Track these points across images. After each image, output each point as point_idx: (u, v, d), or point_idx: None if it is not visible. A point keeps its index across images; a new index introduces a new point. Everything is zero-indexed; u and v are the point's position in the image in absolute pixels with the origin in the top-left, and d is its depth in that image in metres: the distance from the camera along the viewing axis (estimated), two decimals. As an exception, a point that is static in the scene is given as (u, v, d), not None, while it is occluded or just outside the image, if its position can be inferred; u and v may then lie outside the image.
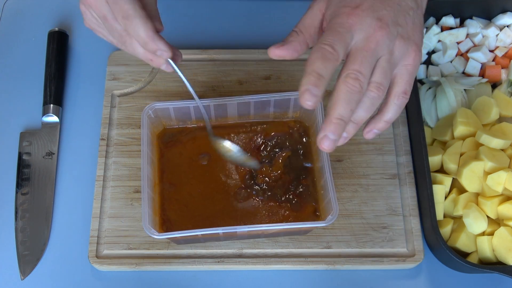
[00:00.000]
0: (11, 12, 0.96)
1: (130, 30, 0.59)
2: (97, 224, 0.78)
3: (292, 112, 0.80)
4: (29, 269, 0.77)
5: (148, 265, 0.75)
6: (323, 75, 0.52)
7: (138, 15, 0.58)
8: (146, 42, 0.59)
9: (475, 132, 0.78)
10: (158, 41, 0.60)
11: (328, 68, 0.53)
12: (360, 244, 0.77)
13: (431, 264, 0.78)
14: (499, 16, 0.89)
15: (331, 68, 0.53)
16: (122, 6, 0.58)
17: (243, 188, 0.77)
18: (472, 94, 0.84)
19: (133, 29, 0.59)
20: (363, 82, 0.53)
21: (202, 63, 0.89)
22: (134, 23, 0.58)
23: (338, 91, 0.53)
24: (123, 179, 0.81)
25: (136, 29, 0.58)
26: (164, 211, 0.75)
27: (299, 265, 0.76)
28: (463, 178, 0.75)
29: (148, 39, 0.59)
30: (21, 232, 0.79)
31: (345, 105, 0.53)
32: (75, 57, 0.92)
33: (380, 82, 0.54)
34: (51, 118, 0.85)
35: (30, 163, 0.83)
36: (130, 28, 0.59)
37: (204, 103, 0.75)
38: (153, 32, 0.59)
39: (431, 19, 0.90)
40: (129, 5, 0.58)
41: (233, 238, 0.76)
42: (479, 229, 0.73)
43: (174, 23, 0.94)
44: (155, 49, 0.60)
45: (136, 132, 0.84)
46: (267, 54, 0.88)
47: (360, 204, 0.79)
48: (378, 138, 0.84)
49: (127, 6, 0.58)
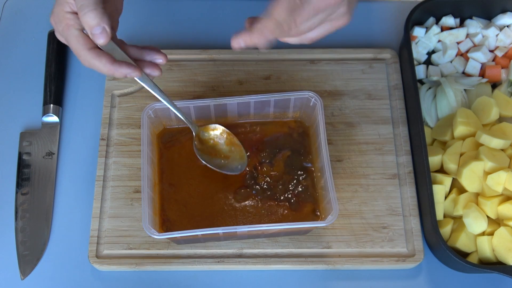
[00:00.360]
0: (11, 12, 0.96)
1: (94, 68, 0.61)
2: (97, 224, 0.78)
3: (292, 112, 0.80)
4: (29, 269, 0.77)
5: (148, 265, 0.75)
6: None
7: (90, 56, 0.59)
8: (111, 74, 0.61)
9: (475, 132, 0.78)
10: (120, 68, 0.61)
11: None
12: (360, 244, 0.77)
13: (431, 264, 0.78)
14: (499, 16, 0.89)
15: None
16: (76, 53, 0.60)
17: (243, 188, 0.77)
18: (472, 94, 0.84)
19: (96, 69, 0.61)
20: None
21: (202, 63, 0.89)
22: (92, 65, 0.60)
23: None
24: (123, 179, 0.81)
25: (98, 69, 0.60)
26: (164, 211, 0.75)
27: (299, 265, 0.76)
28: (463, 178, 0.75)
29: (111, 71, 0.60)
30: (21, 232, 0.79)
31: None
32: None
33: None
34: (51, 118, 0.85)
35: (30, 163, 0.83)
36: (94, 68, 0.61)
37: (204, 103, 0.75)
38: (111, 63, 0.60)
39: (431, 19, 0.90)
40: (81, 52, 0.60)
41: (233, 238, 0.76)
42: (479, 229, 0.73)
43: (174, 23, 0.94)
44: (124, 75, 0.61)
45: (136, 132, 0.84)
46: (267, 54, 0.89)
47: (360, 204, 0.79)
48: (378, 138, 0.84)
49: (79, 53, 0.60)
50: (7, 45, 0.93)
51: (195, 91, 0.87)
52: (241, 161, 0.77)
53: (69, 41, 0.60)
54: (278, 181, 0.77)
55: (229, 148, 0.77)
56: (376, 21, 0.96)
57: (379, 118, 0.85)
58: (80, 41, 0.59)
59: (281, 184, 0.76)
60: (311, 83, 0.87)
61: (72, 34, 0.60)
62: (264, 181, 0.77)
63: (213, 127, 0.77)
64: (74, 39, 0.60)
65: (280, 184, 0.77)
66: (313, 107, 0.76)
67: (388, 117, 0.85)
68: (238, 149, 0.77)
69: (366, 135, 0.84)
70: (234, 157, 0.77)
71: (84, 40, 0.60)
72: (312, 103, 0.76)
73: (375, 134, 0.84)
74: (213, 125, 0.77)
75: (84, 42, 0.60)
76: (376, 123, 0.85)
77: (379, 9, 0.96)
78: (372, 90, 0.87)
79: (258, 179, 0.77)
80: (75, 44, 0.60)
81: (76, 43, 0.60)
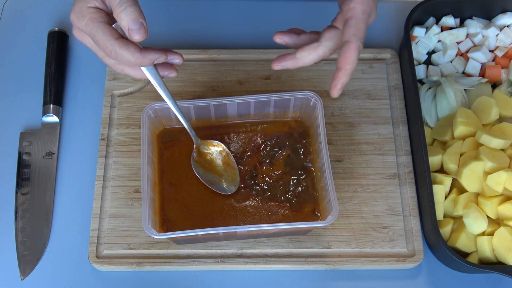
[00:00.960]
0: (11, 12, 0.96)
1: (120, 61, 0.61)
2: (97, 224, 0.78)
3: (292, 112, 0.80)
4: (29, 269, 0.77)
5: (148, 265, 0.75)
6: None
7: (117, 46, 0.60)
8: (139, 63, 0.61)
9: (475, 132, 0.78)
10: (148, 55, 0.61)
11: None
12: (360, 244, 0.77)
13: (431, 264, 0.78)
14: (499, 16, 0.89)
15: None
16: (102, 45, 0.60)
17: (243, 188, 0.77)
18: (472, 94, 0.84)
19: (122, 59, 0.61)
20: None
21: (202, 63, 0.89)
22: (119, 55, 0.60)
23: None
24: (123, 179, 0.81)
25: (124, 59, 0.61)
26: (164, 211, 0.75)
27: (299, 265, 0.76)
28: (463, 178, 0.75)
29: (139, 59, 0.61)
30: (21, 232, 0.79)
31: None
32: (75, 57, 0.92)
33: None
34: (51, 118, 0.85)
35: (30, 163, 0.83)
36: (119, 59, 0.61)
37: (204, 103, 0.75)
38: (138, 51, 0.60)
39: (431, 19, 0.90)
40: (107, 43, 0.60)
41: (233, 238, 0.76)
42: (479, 229, 0.73)
43: (174, 23, 0.94)
44: (151, 62, 0.62)
45: (136, 132, 0.84)
46: (267, 54, 0.89)
47: (360, 204, 0.79)
48: (378, 138, 0.84)
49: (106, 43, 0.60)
50: (7, 45, 0.93)
51: (195, 91, 0.86)
52: (233, 183, 0.77)
53: (94, 33, 0.60)
54: (278, 181, 0.77)
55: (224, 168, 0.78)
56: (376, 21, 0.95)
57: (379, 118, 0.85)
58: (107, 32, 0.60)
59: (281, 185, 0.76)
60: (311, 83, 0.87)
61: (97, 26, 0.60)
62: (264, 181, 0.77)
63: (216, 143, 0.78)
64: (100, 31, 0.60)
65: (280, 184, 0.77)
66: (313, 107, 0.76)
67: (388, 117, 0.85)
68: (233, 171, 0.77)
69: (366, 135, 0.84)
70: (227, 177, 0.77)
71: (111, 31, 0.60)
72: (312, 103, 0.76)
73: (375, 134, 0.84)
74: (216, 142, 0.78)
75: (110, 33, 0.60)
76: (376, 123, 0.85)
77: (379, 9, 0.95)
78: (372, 90, 0.87)
79: (258, 179, 0.77)
80: (102, 35, 0.60)
81: (102, 34, 0.60)
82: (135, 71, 0.65)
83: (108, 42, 0.60)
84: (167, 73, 0.67)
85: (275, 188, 0.76)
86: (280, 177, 0.77)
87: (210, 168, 0.77)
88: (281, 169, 0.77)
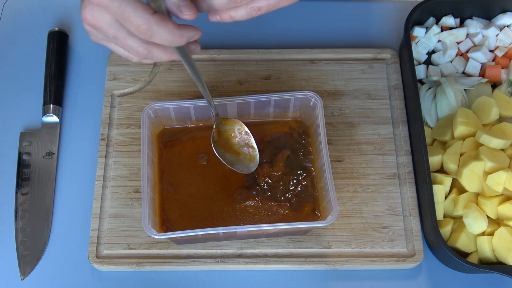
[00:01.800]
0: (11, 12, 0.96)
1: (154, 40, 0.54)
2: (97, 224, 0.78)
3: (292, 112, 0.80)
4: (29, 269, 0.77)
5: (148, 265, 0.75)
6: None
7: (154, 22, 0.52)
8: (175, 41, 0.54)
9: (475, 132, 0.78)
10: (186, 32, 0.55)
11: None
12: (360, 244, 0.77)
13: (431, 264, 0.78)
14: (499, 16, 0.89)
15: None
16: (135, 22, 0.52)
17: (243, 188, 0.77)
18: (472, 94, 0.84)
19: (157, 38, 0.53)
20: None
21: (202, 63, 0.89)
22: (155, 33, 0.53)
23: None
24: (123, 179, 0.81)
25: (161, 37, 0.53)
26: (164, 211, 0.75)
27: (299, 265, 0.76)
28: (463, 178, 0.75)
29: (177, 38, 0.54)
30: (21, 232, 0.79)
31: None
32: (75, 57, 0.92)
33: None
34: (51, 118, 0.85)
35: (30, 163, 0.83)
36: (154, 39, 0.54)
37: (204, 103, 0.75)
38: (177, 28, 0.54)
39: (431, 19, 0.90)
40: (141, 19, 0.52)
41: (233, 238, 0.76)
42: (479, 229, 0.73)
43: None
44: (187, 40, 0.55)
45: (136, 132, 0.84)
46: (267, 54, 0.89)
47: (360, 204, 0.79)
48: (378, 138, 0.84)
49: (139, 21, 0.52)
50: (7, 45, 0.93)
51: (195, 91, 0.86)
52: (252, 161, 0.76)
53: (124, 9, 0.52)
54: (279, 182, 0.77)
55: (243, 146, 0.77)
56: (376, 21, 0.96)
57: (379, 118, 0.85)
58: (139, 7, 0.52)
59: (281, 185, 0.76)
60: (311, 83, 0.87)
61: (127, 1, 0.51)
62: (265, 181, 0.77)
63: (234, 120, 0.76)
64: (131, 6, 0.51)
65: (280, 184, 0.77)
66: (313, 107, 0.76)
67: (388, 117, 0.85)
68: (253, 150, 0.77)
69: (366, 135, 0.84)
70: (246, 156, 0.77)
71: (143, 6, 0.52)
72: (312, 103, 0.76)
73: (375, 134, 0.84)
74: (234, 119, 0.76)
75: (143, 7, 0.52)
76: (376, 123, 0.85)
77: (379, 9, 0.96)
78: (372, 90, 0.87)
79: (259, 179, 0.77)
80: (133, 10, 0.51)
81: (134, 9, 0.51)
82: (166, 51, 0.57)
83: (142, 19, 0.51)
84: (194, 48, 0.60)
85: (275, 188, 0.76)
86: (281, 177, 0.77)
87: (228, 148, 0.77)
88: (281, 169, 0.77)
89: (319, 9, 0.96)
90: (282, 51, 0.90)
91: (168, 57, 0.58)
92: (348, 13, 0.95)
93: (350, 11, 0.96)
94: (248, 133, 0.77)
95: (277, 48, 0.90)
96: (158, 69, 0.88)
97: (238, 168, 0.75)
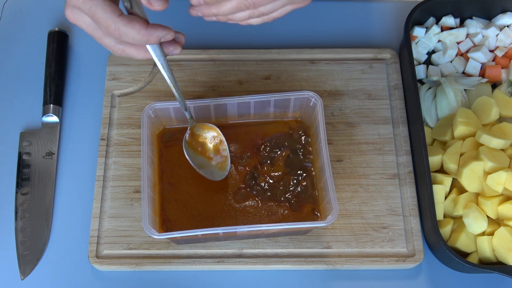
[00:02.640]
0: (11, 12, 0.96)
1: (124, 40, 0.57)
2: (97, 224, 0.78)
3: (292, 112, 0.80)
4: (29, 269, 0.77)
5: (148, 265, 0.75)
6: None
7: (121, 23, 0.55)
8: (145, 41, 0.57)
9: (475, 132, 0.78)
10: (156, 31, 0.57)
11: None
12: (360, 244, 0.77)
13: (431, 264, 0.78)
14: (499, 16, 0.89)
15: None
16: (104, 24, 0.55)
17: (243, 188, 0.77)
18: (472, 94, 0.84)
19: (126, 38, 0.56)
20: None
21: (202, 63, 0.89)
22: (123, 33, 0.55)
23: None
24: (123, 179, 0.81)
25: (130, 37, 0.56)
26: (164, 211, 0.75)
27: (299, 265, 0.76)
28: (463, 178, 0.75)
29: (146, 37, 0.56)
30: (21, 232, 0.79)
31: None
32: (75, 57, 0.92)
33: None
34: (51, 118, 0.85)
35: (30, 163, 0.83)
36: (123, 38, 0.56)
37: (204, 103, 0.75)
38: (145, 27, 0.56)
39: (431, 19, 0.90)
40: (109, 21, 0.55)
41: (233, 238, 0.76)
42: (479, 229, 0.73)
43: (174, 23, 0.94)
44: (159, 39, 0.57)
45: (136, 132, 0.84)
46: (267, 54, 0.89)
47: (360, 204, 0.79)
48: (378, 138, 0.84)
49: (107, 22, 0.55)
50: (7, 45, 0.93)
51: (195, 91, 0.87)
52: (222, 170, 0.77)
53: (94, 11, 0.55)
54: (279, 182, 0.77)
55: (215, 153, 0.77)
56: (376, 21, 0.96)
57: (379, 118, 0.85)
58: (108, 10, 0.55)
59: (281, 185, 0.76)
60: (311, 83, 0.87)
61: (97, 3, 0.55)
62: (265, 181, 0.77)
63: (210, 126, 0.77)
64: (100, 8, 0.55)
65: (280, 184, 0.77)
66: (313, 107, 0.76)
67: (388, 117, 0.85)
68: (224, 158, 0.77)
69: (366, 135, 0.84)
70: (217, 164, 0.77)
71: (112, 7, 0.55)
72: (312, 103, 0.76)
73: (375, 134, 0.84)
74: (210, 125, 0.77)
75: (111, 9, 0.55)
76: (376, 123, 0.85)
77: (379, 9, 0.96)
78: (372, 90, 0.87)
79: (259, 180, 0.77)
80: (102, 13, 0.55)
81: (103, 12, 0.55)
82: (139, 50, 0.60)
83: (111, 20, 0.55)
84: (172, 49, 0.62)
85: (275, 188, 0.76)
86: (281, 178, 0.77)
87: (201, 152, 0.77)
88: (282, 169, 0.77)
89: (319, 9, 0.96)
90: (282, 51, 0.90)
91: (142, 56, 0.61)
92: (348, 13, 0.95)
93: (350, 11, 0.96)
94: (223, 142, 0.77)
95: (277, 48, 0.90)
96: (158, 69, 0.88)
97: (205, 173, 0.76)
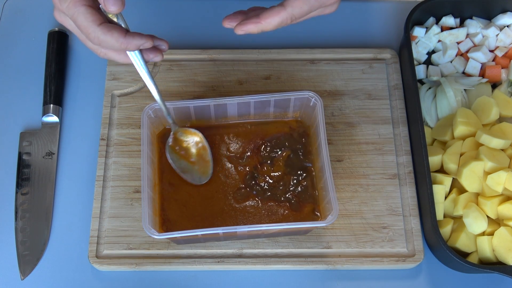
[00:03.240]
0: (11, 12, 0.96)
1: (104, 46, 0.59)
2: (97, 224, 0.78)
3: (292, 112, 0.80)
4: (29, 269, 0.77)
5: (148, 265, 0.75)
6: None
7: (100, 32, 0.57)
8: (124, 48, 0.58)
9: (475, 132, 0.78)
10: (133, 40, 0.58)
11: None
12: (360, 244, 0.77)
13: (431, 264, 0.78)
14: (499, 16, 0.89)
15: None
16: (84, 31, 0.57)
17: (243, 188, 0.77)
18: (472, 94, 0.84)
19: (106, 45, 0.58)
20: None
21: (202, 63, 0.89)
22: (102, 41, 0.57)
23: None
24: (123, 179, 0.81)
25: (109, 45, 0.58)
26: (164, 211, 0.75)
27: (299, 265, 0.76)
28: (463, 178, 0.75)
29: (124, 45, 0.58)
30: (21, 232, 0.79)
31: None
32: (75, 57, 0.92)
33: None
34: (51, 118, 0.85)
35: (30, 163, 0.83)
36: (103, 45, 0.58)
37: (204, 103, 0.75)
38: (123, 36, 0.57)
39: (431, 19, 0.90)
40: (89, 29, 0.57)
41: (233, 238, 0.76)
42: (479, 229, 0.73)
43: (174, 23, 0.94)
44: (137, 47, 0.59)
45: (136, 132, 0.84)
46: (267, 54, 0.89)
47: (360, 204, 0.79)
48: (378, 138, 0.84)
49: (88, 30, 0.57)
50: (7, 45, 0.93)
51: (195, 91, 0.87)
52: (204, 175, 0.77)
53: (76, 18, 0.57)
54: (279, 182, 0.77)
55: (197, 158, 0.78)
56: (376, 21, 0.96)
57: (379, 118, 0.85)
58: (89, 18, 0.56)
59: (282, 185, 0.76)
60: (311, 83, 0.87)
61: (79, 11, 0.56)
62: (265, 181, 0.77)
63: (194, 131, 0.78)
64: (82, 16, 0.56)
65: (280, 184, 0.77)
66: (313, 107, 0.76)
67: (388, 117, 0.85)
68: (206, 163, 0.77)
69: (366, 135, 0.84)
70: (199, 168, 0.77)
71: (93, 16, 0.56)
72: (312, 103, 0.76)
73: (375, 134, 0.84)
74: (194, 130, 0.77)
75: (92, 18, 0.56)
76: (376, 123, 0.85)
77: (379, 9, 0.96)
78: (372, 90, 0.87)
79: (259, 180, 0.77)
80: (83, 21, 0.56)
81: (84, 20, 0.56)
82: (120, 55, 0.62)
83: (91, 29, 0.56)
84: (152, 56, 0.63)
85: (275, 188, 0.76)
86: (281, 177, 0.77)
87: (184, 156, 0.77)
88: (282, 169, 0.77)
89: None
90: (282, 51, 0.90)
91: (123, 60, 0.63)
92: (348, 13, 0.95)
93: (350, 11, 0.96)
94: (205, 148, 0.78)
95: (277, 48, 0.90)
96: (158, 69, 0.88)
97: (188, 177, 0.76)
